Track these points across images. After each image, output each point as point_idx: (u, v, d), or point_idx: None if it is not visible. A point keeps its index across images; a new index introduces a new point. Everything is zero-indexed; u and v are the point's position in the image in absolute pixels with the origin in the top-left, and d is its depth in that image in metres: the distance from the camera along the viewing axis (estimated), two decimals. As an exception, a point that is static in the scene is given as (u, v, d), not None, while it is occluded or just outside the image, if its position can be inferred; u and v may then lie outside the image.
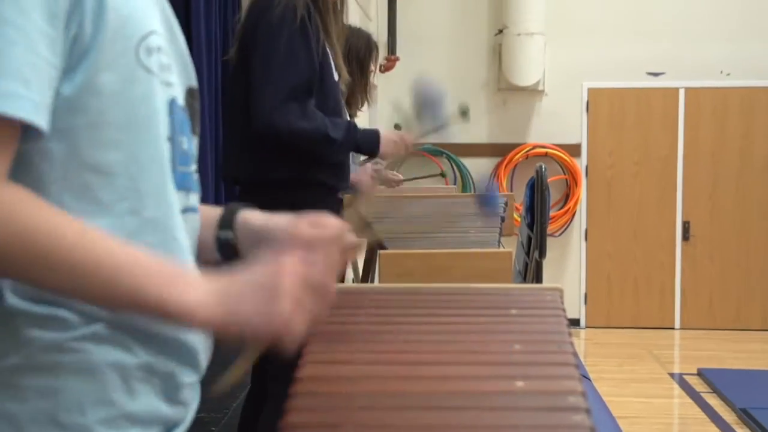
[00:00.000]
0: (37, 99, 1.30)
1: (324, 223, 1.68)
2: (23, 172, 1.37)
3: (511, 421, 1.59)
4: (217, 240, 1.76)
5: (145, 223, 1.48)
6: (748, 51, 11.52)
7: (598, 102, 11.81)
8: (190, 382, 1.58)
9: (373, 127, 6.99)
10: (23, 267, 1.32)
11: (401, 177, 4.21)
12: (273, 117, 3.70)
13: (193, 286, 1.42)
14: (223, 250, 1.76)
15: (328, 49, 3.89)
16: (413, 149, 4.21)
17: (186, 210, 1.60)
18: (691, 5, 11.52)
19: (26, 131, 1.32)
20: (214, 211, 1.80)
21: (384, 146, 4.02)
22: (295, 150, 3.81)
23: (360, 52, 5.67)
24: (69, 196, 1.41)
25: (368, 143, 4.01)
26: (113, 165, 1.44)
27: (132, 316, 1.43)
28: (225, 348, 1.57)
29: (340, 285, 1.97)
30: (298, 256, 1.45)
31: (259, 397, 3.91)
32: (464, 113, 5.08)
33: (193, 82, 1.69)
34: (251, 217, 1.78)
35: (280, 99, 3.71)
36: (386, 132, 4.09)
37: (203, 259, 1.73)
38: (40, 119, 1.31)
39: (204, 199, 1.76)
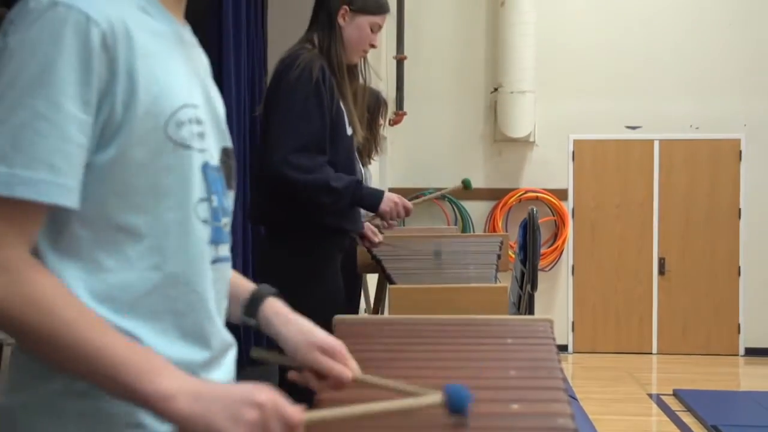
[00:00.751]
0: (66, 183, 1.36)
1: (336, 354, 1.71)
2: (61, 233, 1.43)
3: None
4: (242, 322, 1.77)
5: (168, 278, 1.50)
6: (713, 107, 11.54)
7: (583, 152, 11.80)
8: None
9: (384, 172, 6.95)
10: (26, 337, 1.37)
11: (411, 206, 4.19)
12: (282, 167, 3.70)
13: (172, 382, 1.37)
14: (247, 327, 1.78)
15: (342, 107, 3.88)
16: (410, 213, 4.20)
17: (216, 261, 1.61)
18: (664, 67, 11.53)
19: (59, 208, 1.38)
20: (244, 290, 1.79)
21: (384, 204, 4.01)
22: (301, 198, 3.80)
23: (370, 108, 5.65)
24: (101, 253, 1.45)
25: (371, 200, 4.01)
26: (139, 226, 1.47)
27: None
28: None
29: (356, 316, 1.96)
30: (266, 394, 1.39)
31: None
32: (468, 186, 5.08)
33: (228, 143, 1.69)
34: (273, 312, 1.77)
35: (290, 151, 3.71)
36: (389, 194, 4.07)
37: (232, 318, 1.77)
38: (67, 200, 1.37)
39: (233, 237, 1.75)
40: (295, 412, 1.41)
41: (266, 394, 1.39)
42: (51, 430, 1.46)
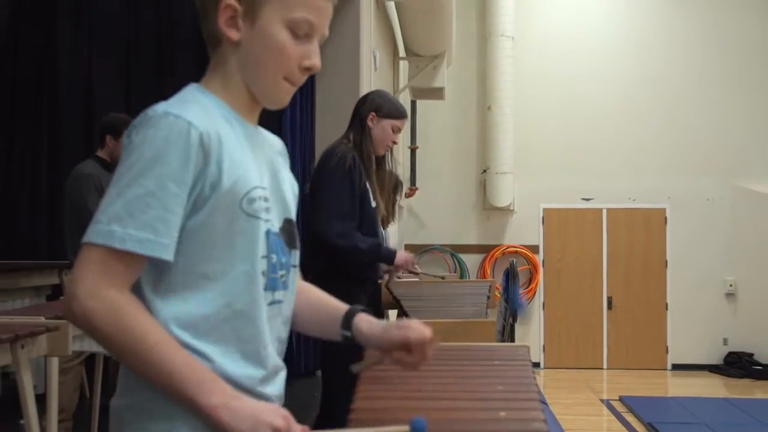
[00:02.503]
0: (164, 241, 1.41)
1: (414, 328, 1.69)
2: (160, 277, 1.47)
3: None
4: (341, 336, 1.75)
5: (236, 313, 1.51)
6: (646, 184, 11.60)
7: (550, 217, 11.80)
8: None
9: (401, 232, 6.93)
10: (118, 352, 1.42)
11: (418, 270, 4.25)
12: (324, 231, 3.76)
13: (220, 398, 1.42)
14: (345, 341, 1.75)
15: (368, 186, 3.91)
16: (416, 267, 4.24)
17: (272, 303, 1.59)
18: (608, 153, 11.59)
19: (155, 259, 1.43)
20: (339, 311, 1.79)
21: (397, 260, 4.02)
22: (337, 255, 3.83)
23: (390, 187, 5.67)
24: (188, 292, 1.48)
25: (387, 257, 4.01)
26: (216, 274, 1.49)
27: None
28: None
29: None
30: (282, 418, 1.43)
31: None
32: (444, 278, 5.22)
33: (290, 215, 1.68)
34: (363, 323, 1.75)
35: (330, 219, 3.76)
36: (401, 252, 4.11)
37: (327, 336, 1.80)
38: (164, 254, 1.42)
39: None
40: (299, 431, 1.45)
41: (283, 420, 1.42)
42: (147, 426, 1.48)
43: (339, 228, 3.77)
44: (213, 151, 1.46)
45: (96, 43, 7.59)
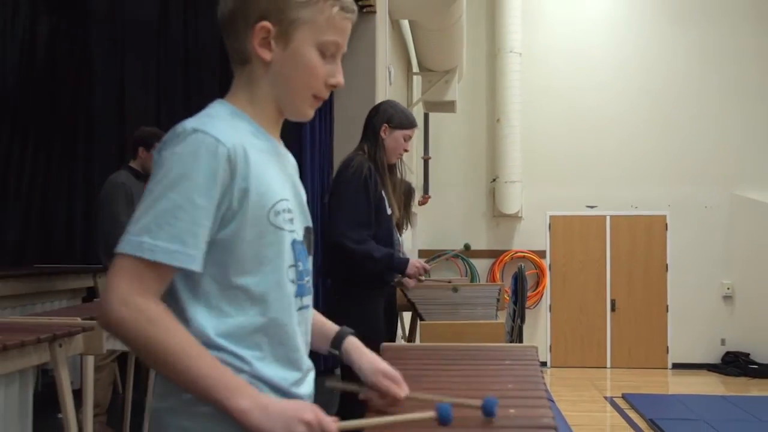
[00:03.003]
0: (191, 252, 1.41)
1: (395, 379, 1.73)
2: (196, 288, 1.48)
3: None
4: (328, 352, 1.79)
5: (269, 321, 1.52)
6: (647, 192, 11.57)
7: (556, 224, 11.77)
8: None
9: (415, 238, 6.92)
10: (149, 358, 1.42)
11: (429, 268, 4.23)
12: (341, 238, 3.73)
13: (248, 401, 1.41)
14: (331, 357, 1.80)
15: (383, 194, 3.90)
16: (429, 272, 4.20)
17: (300, 308, 1.60)
18: (611, 163, 11.57)
19: (184, 270, 1.43)
20: (330, 330, 1.82)
21: (409, 269, 4.00)
22: (352, 261, 3.81)
23: (404, 196, 5.67)
24: (223, 303, 1.49)
25: (399, 266, 3.98)
26: (249, 285, 1.50)
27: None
28: None
29: (397, 344, 1.96)
30: (312, 413, 1.43)
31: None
32: (468, 247, 5.28)
33: (309, 223, 1.69)
34: (352, 347, 1.79)
35: (346, 227, 3.74)
36: (413, 260, 4.07)
37: (315, 348, 1.78)
38: (191, 264, 1.42)
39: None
40: (331, 423, 1.44)
41: (312, 413, 1.43)
42: (187, 425, 1.48)
43: (356, 235, 3.75)
44: (240, 167, 1.46)
45: (128, 62, 7.64)
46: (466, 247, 5.49)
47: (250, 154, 1.48)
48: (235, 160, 1.45)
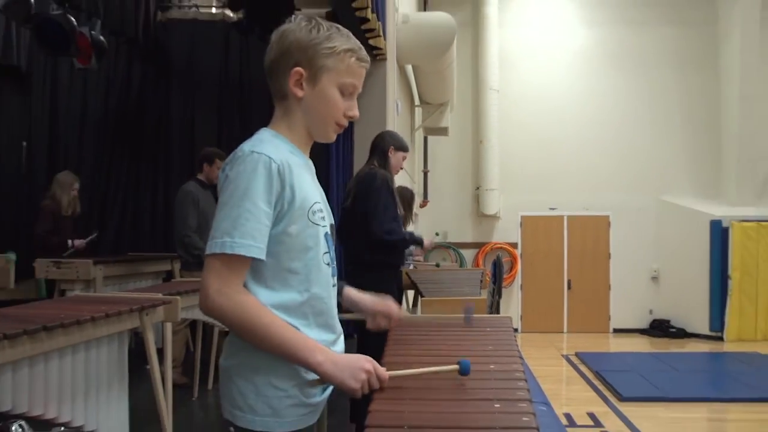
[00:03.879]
0: (259, 246, 1.43)
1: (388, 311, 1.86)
2: (257, 272, 1.48)
3: (490, 386, 1.54)
4: None
5: (312, 296, 1.53)
6: (597, 196, 11.56)
7: (526, 222, 11.74)
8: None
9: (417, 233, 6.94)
10: (245, 333, 1.44)
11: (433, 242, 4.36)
12: (383, 234, 3.76)
13: (322, 355, 1.45)
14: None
15: (398, 200, 3.93)
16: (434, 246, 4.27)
17: (333, 285, 1.62)
18: (568, 173, 11.52)
19: (255, 259, 1.44)
20: None
21: (426, 243, 4.19)
22: (394, 248, 3.88)
23: (408, 200, 5.69)
24: (276, 283, 1.50)
25: (420, 241, 4.13)
26: (296, 268, 1.51)
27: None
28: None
29: (403, 313, 1.95)
30: (370, 363, 1.47)
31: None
32: (437, 234, 5.32)
33: (332, 221, 1.68)
34: (350, 292, 1.87)
35: (385, 223, 3.76)
36: (425, 238, 4.15)
37: None
38: (260, 255, 1.44)
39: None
40: (385, 372, 1.48)
41: (370, 363, 1.46)
42: (251, 377, 1.49)
43: (388, 227, 3.78)
44: (287, 178, 1.47)
45: (197, 99, 7.67)
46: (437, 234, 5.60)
47: (293, 168, 1.49)
48: (283, 172, 1.46)
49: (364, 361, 1.46)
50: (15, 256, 3.00)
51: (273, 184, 1.45)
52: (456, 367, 1.58)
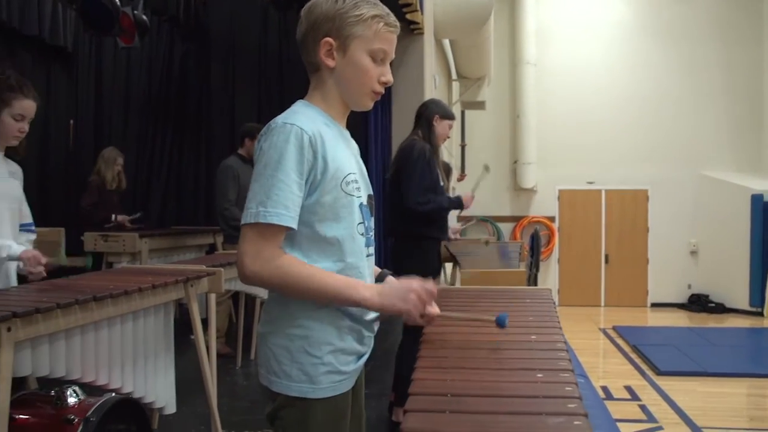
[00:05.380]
0: (292, 215, 1.44)
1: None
2: (293, 241, 1.49)
3: (532, 356, 1.54)
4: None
5: (347, 265, 1.53)
6: (634, 170, 11.39)
7: (564, 196, 11.63)
8: (369, 335, 1.61)
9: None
10: (290, 290, 1.45)
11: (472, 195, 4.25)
12: (415, 205, 3.73)
13: (367, 290, 1.48)
14: None
15: (438, 171, 3.88)
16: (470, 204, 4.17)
17: (368, 256, 1.61)
18: (606, 147, 11.37)
19: (289, 229, 1.45)
20: (375, 271, 1.79)
21: (465, 202, 4.04)
22: (429, 217, 3.82)
23: (448, 172, 5.67)
24: (313, 252, 1.50)
25: (458, 204, 4.01)
26: (331, 237, 1.51)
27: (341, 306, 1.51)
28: (384, 320, 1.65)
29: (445, 286, 1.95)
30: (416, 282, 1.50)
31: (404, 343, 3.83)
32: (487, 168, 5.21)
33: (371, 192, 1.68)
34: (391, 280, 1.76)
35: (418, 194, 3.73)
36: (463, 195, 4.07)
37: None
38: (292, 224, 1.45)
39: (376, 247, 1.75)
40: (433, 287, 1.52)
41: (417, 283, 1.51)
42: (285, 344, 1.50)
43: (422, 198, 3.75)
44: (319, 149, 1.47)
45: (237, 75, 7.70)
46: (486, 168, 5.52)
47: (326, 139, 1.49)
48: (315, 144, 1.46)
49: (412, 282, 1.50)
50: (65, 256, 3.05)
51: (305, 155, 1.45)
52: (492, 318, 1.63)
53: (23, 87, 2.84)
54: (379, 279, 1.76)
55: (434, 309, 1.52)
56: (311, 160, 1.46)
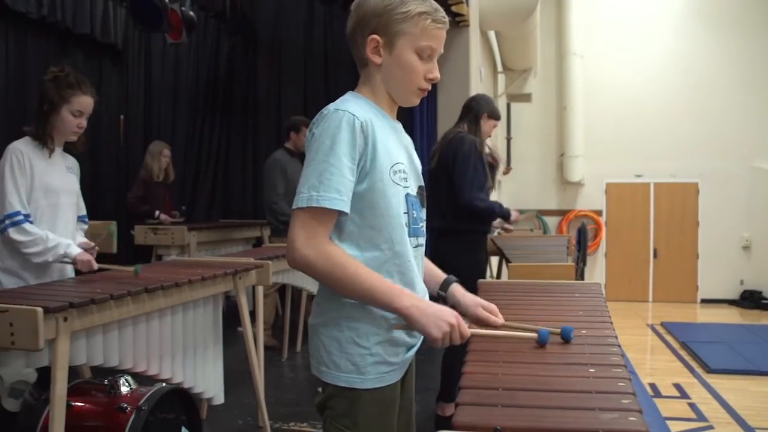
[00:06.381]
0: (344, 199, 1.44)
1: (492, 311, 1.71)
2: (342, 229, 1.50)
3: (583, 350, 1.52)
4: (438, 294, 1.76)
5: (394, 254, 1.53)
6: (684, 162, 11.16)
7: (611, 189, 11.44)
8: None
9: (500, 201, 6.86)
10: (333, 280, 1.44)
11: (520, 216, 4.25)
12: (471, 200, 3.71)
13: (406, 299, 1.45)
14: (438, 298, 1.75)
15: (487, 170, 3.87)
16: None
17: (416, 247, 1.60)
18: (654, 140, 11.17)
19: (341, 214, 1.46)
20: (439, 276, 1.79)
21: (512, 216, 4.06)
22: (481, 215, 3.81)
23: (494, 165, 5.63)
24: (362, 241, 1.50)
25: (507, 214, 3.98)
26: (379, 226, 1.51)
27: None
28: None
29: (490, 280, 1.93)
30: (455, 317, 1.46)
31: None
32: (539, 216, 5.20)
33: (422, 183, 1.68)
34: (456, 290, 1.77)
35: (474, 190, 3.71)
36: (513, 211, 4.06)
37: (430, 291, 1.75)
38: (344, 208, 1.44)
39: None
40: (467, 330, 1.48)
41: (455, 318, 1.46)
42: (335, 335, 1.52)
43: (479, 195, 3.73)
44: (370, 136, 1.47)
45: (283, 69, 7.74)
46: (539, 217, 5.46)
47: (376, 128, 1.50)
48: (366, 130, 1.47)
49: (449, 314, 1.46)
50: (115, 226, 3.10)
51: (356, 140, 1.45)
52: (534, 335, 1.58)
53: (81, 84, 2.91)
54: (445, 284, 1.76)
55: (465, 331, 1.48)
56: (362, 145, 1.47)
